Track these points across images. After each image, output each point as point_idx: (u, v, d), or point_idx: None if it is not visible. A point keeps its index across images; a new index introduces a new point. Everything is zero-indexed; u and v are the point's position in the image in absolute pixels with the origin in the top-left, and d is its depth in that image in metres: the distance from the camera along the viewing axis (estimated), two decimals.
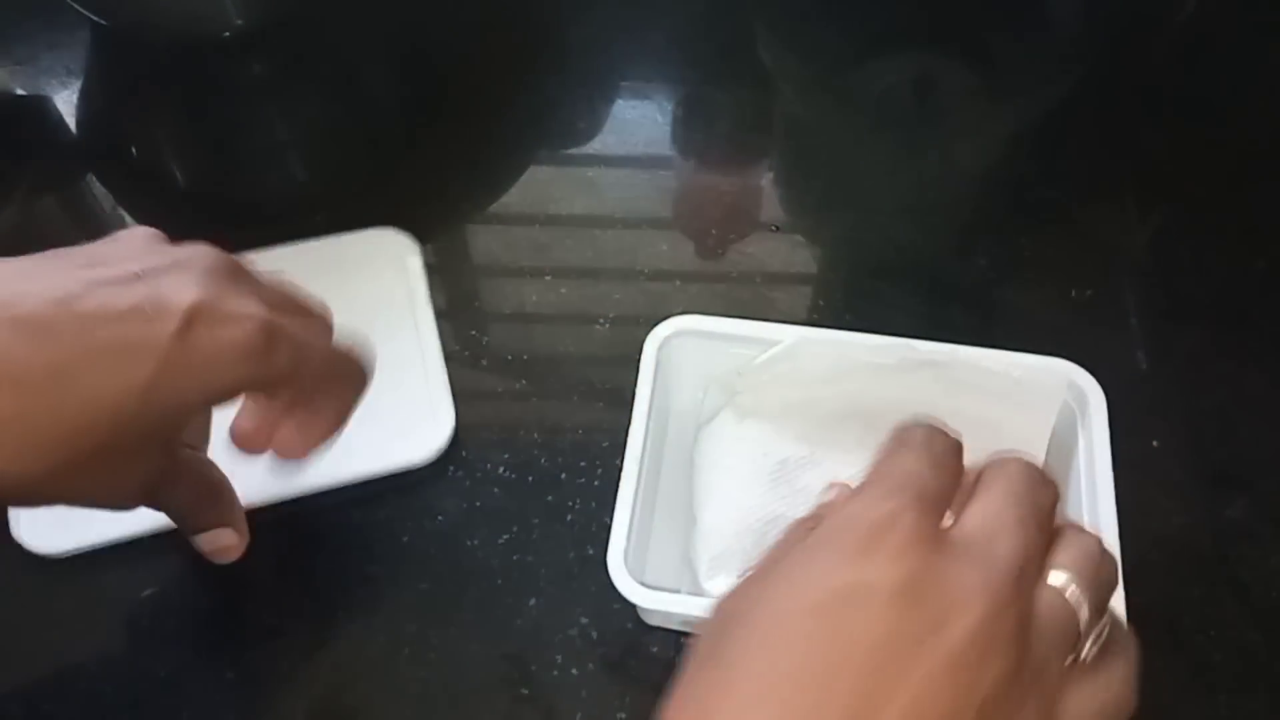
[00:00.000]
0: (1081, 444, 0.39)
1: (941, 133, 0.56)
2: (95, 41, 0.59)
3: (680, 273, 0.50)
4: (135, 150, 0.57)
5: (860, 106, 0.57)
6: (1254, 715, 0.38)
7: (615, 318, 0.48)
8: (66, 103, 0.57)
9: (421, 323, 0.47)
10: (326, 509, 0.42)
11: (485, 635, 0.40)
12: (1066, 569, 0.26)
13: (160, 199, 0.54)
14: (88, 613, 0.40)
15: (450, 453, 0.44)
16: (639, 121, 0.56)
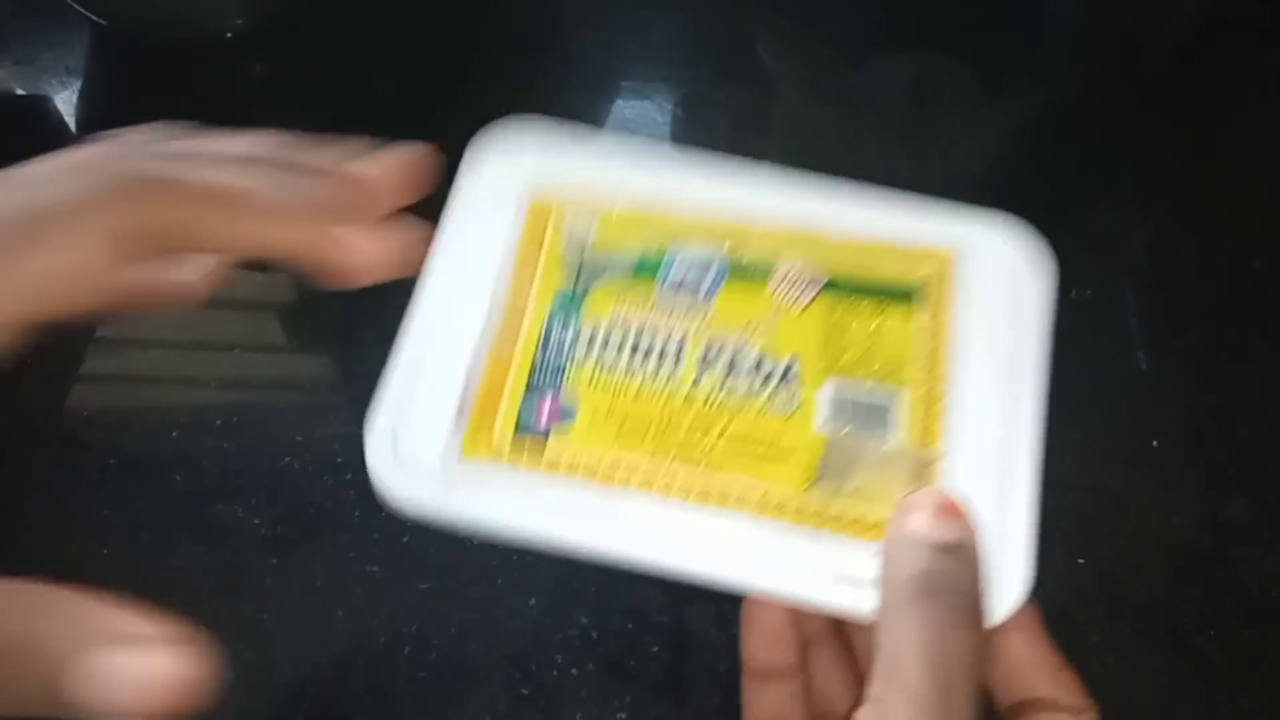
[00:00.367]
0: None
1: (941, 133, 0.56)
2: (95, 41, 0.59)
3: None
4: None
5: (860, 106, 0.57)
6: (1254, 715, 0.38)
7: None
8: (66, 103, 0.57)
9: None
10: (326, 508, 0.42)
11: (485, 635, 0.40)
12: None
13: None
14: None
15: None
16: (639, 121, 0.56)
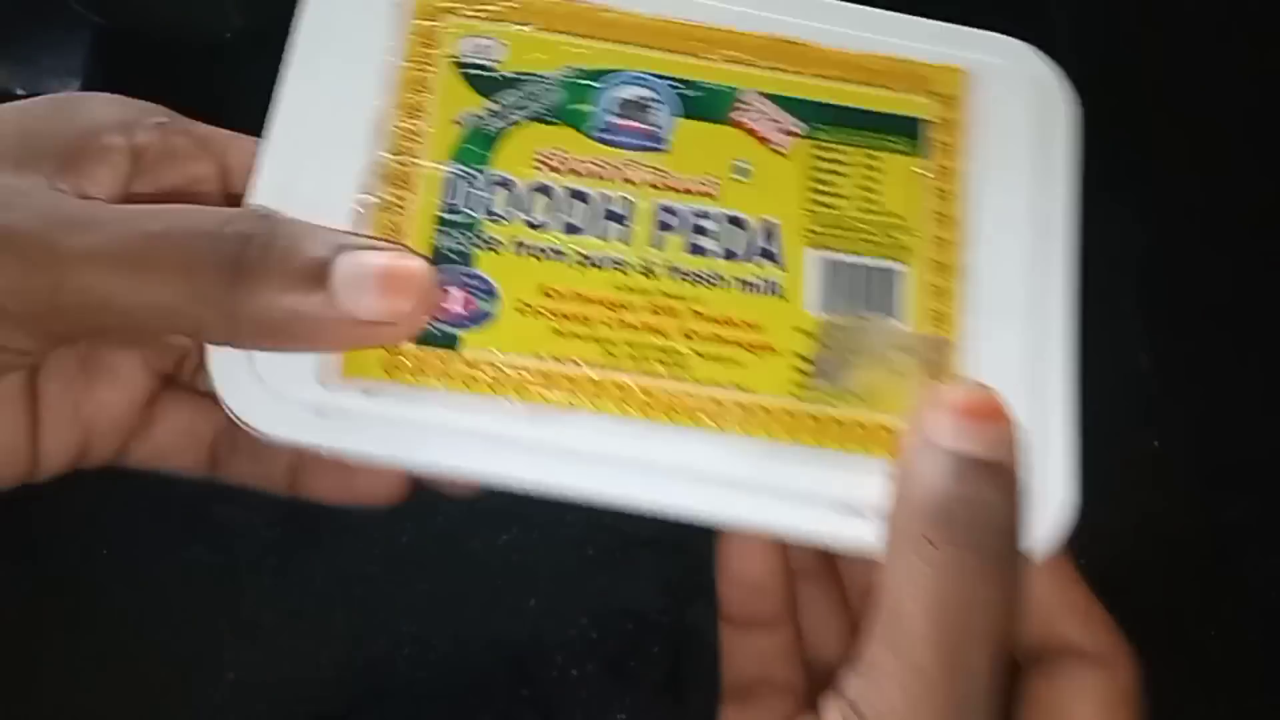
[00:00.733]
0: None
1: None
2: (95, 41, 0.59)
3: None
4: None
5: None
6: (1254, 715, 0.38)
7: None
8: None
9: None
10: (325, 507, 0.42)
11: (485, 635, 0.40)
12: None
13: None
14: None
15: None
16: None
